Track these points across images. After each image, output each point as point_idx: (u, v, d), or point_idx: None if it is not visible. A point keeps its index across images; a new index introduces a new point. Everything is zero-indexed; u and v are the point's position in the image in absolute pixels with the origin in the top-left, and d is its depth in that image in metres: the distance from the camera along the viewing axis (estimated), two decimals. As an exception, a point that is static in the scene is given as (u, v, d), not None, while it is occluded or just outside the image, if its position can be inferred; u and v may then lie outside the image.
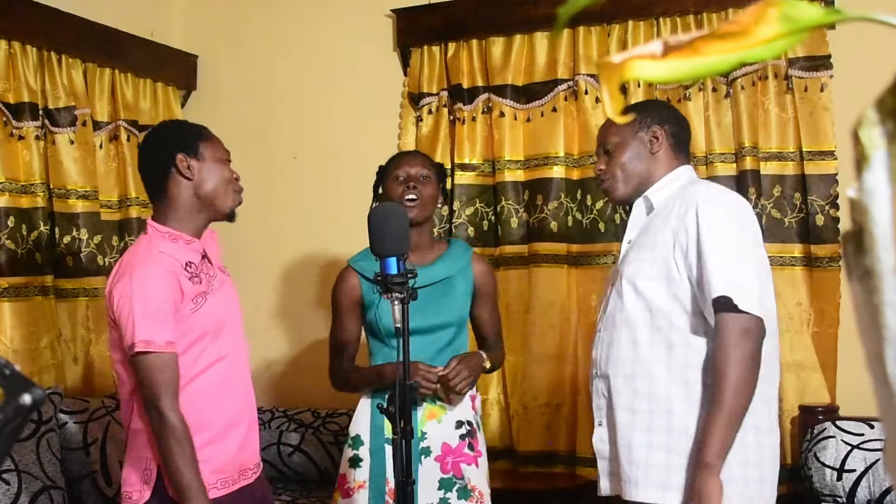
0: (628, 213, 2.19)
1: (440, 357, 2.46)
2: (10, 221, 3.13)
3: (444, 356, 2.47)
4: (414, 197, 2.49)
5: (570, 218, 3.38)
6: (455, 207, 3.52)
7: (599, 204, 3.33)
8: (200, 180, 2.20)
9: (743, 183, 3.15)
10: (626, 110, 2.17)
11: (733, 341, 1.86)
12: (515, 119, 3.48)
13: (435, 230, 3.47)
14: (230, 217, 2.27)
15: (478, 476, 2.49)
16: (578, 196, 3.37)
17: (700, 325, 1.96)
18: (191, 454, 2.05)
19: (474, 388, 2.54)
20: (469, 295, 2.56)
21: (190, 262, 2.17)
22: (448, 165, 3.51)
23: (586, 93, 3.36)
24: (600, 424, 2.11)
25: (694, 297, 1.96)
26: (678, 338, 1.97)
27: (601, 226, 3.32)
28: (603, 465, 2.10)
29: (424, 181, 2.53)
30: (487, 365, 2.51)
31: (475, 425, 2.52)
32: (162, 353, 2.06)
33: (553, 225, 3.40)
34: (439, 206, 2.65)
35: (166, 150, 2.21)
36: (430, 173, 2.55)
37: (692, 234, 1.94)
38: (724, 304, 1.87)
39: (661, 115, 2.16)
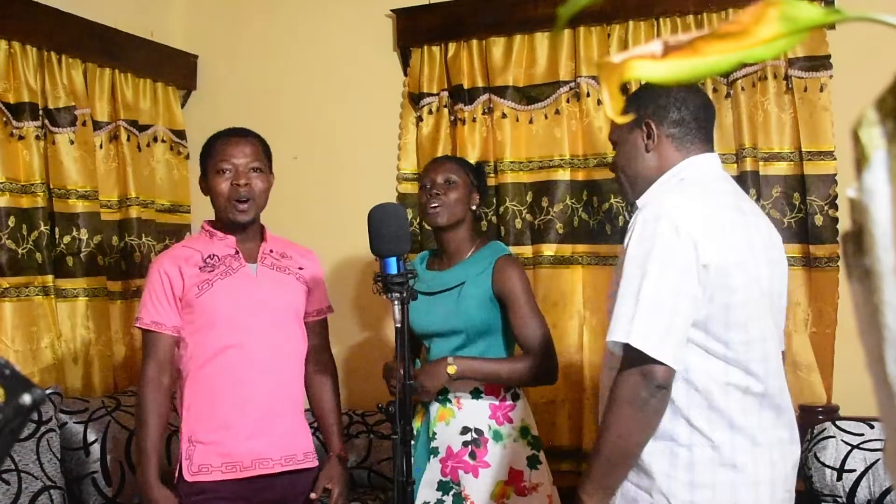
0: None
1: None
2: (11, 221, 3.13)
3: None
4: (436, 204, 2.49)
5: (576, 219, 3.38)
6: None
7: (606, 205, 3.32)
8: (210, 197, 2.48)
9: (743, 183, 3.14)
10: (626, 101, 2.08)
11: (621, 386, 1.72)
12: (517, 121, 3.48)
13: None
14: (242, 223, 2.46)
15: (475, 486, 2.42)
16: (584, 197, 3.37)
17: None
18: (150, 424, 2.35)
19: (504, 397, 2.48)
20: (487, 301, 2.46)
21: (213, 255, 2.44)
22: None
23: (588, 95, 3.36)
24: None
25: None
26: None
27: (608, 227, 3.32)
28: None
29: (450, 186, 2.51)
30: (451, 371, 2.36)
31: (487, 435, 2.44)
32: (148, 331, 2.41)
33: (559, 226, 3.40)
34: (474, 208, 2.58)
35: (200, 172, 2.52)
36: (457, 177, 2.53)
37: (622, 259, 1.80)
38: (630, 347, 1.71)
39: (657, 103, 1.93)
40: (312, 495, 2.44)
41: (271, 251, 2.54)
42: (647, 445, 1.77)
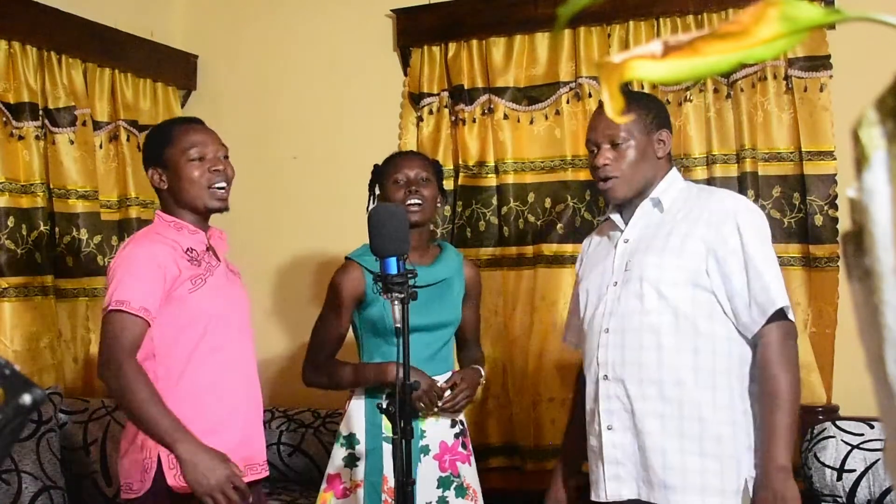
0: (605, 208, 2.22)
1: (438, 356, 2.48)
2: (11, 221, 3.13)
3: (442, 355, 2.50)
4: (418, 201, 2.48)
5: (578, 218, 3.38)
6: (458, 208, 3.52)
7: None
8: (174, 188, 2.26)
9: (743, 184, 3.15)
10: (634, 99, 2.15)
11: (786, 348, 1.96)
12: (518, 122, 3.48)
13: (439, 230, 3.49)
14: (216, 211, 2.29)
15: (471, 474, 2.53)
16: (588, 197, 3.37)
17: (723, 331, 1.99)
18: (157, 396, 2.05)
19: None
20: (462, 296, 2.59)
21: (192, 248, 2.23)
22: (451, 166, 3.52)
23: (590, 96, 3.36)
24: (610, 429, 2.06)
25: (714, 304, 1.99)
26: (704, 343, 1.98)
27: None
28: (615, 470, 2.06)
29: (425, 183, 2.52)
30: (484, 380, 2.58)
31: (464, 425, 2.56)
32: (134, 316, 2.09)
33: (559, 227, 3.40)
34: (439, 205, 2.63)
35: (144, 164, 2.33)
36: (429, 175, 2.55)
37: (733, 244, 1.98)
38: (779, 314, 1.97)
39: (662, 118, 2.15)
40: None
41: (219, 249, 2.37)
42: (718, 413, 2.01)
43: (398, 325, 1.91)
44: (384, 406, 1.99)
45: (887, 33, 0.78)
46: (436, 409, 2.42)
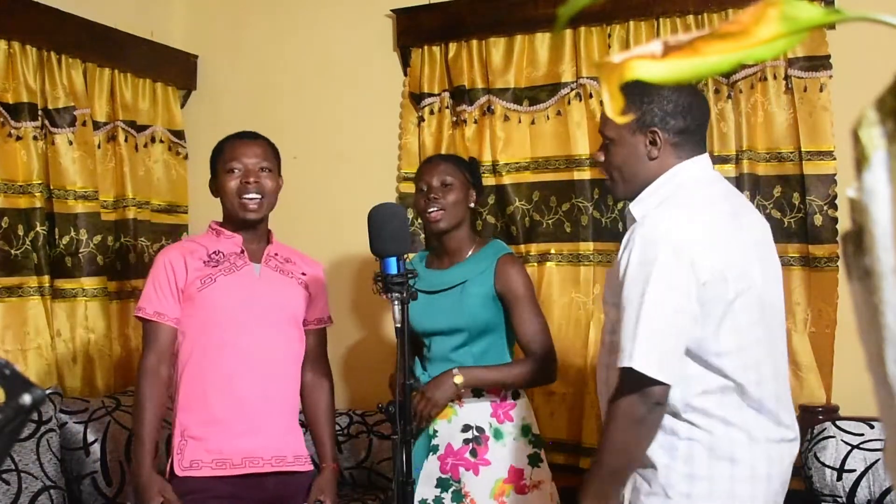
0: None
1: (454, 360, 2.46)
2: (5, 222, 3.13)
3: (459, 358, 2.46)
4: (435, 209, 2.47)
5: (584, 217, 3.38)
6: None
7: (621, 204, 3.32)
8: (220, 196, 2.50)
9: (743, 184, 3.15)
10: (629, 94, 2.05)
11: (617, 407, 1.79)
12: (520, 122, 3.48)
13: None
14: (250, 221, 2.48)
15: (475, 484, 2.43)
16: (596, 195, 3.37)
17: None
18: (147, 413, 2.35)
19: (505, 395, 2.50)
20: (489, 300, 2.47)
21: (218, 251, 2.45)
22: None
23: (591, 96, 3.36)
24: None
25: None
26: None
27: (620, 226, 3.32)
28: None
29: (447, 188, 2.50)
30: (458, 381, 2.39)
31: (488, 433, 2.46)
32: (149, 321, 2.41)
33: (567, 226, 3.40)
34: (472, 206, 2.58)
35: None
36: (452, 178, 2.52)
37: (620, 279, 1.84)
38: (625, 372, 1.78)
39: (665, 110, 1.92)
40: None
41: (276, 254, 2.55)
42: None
43: (398, 325, 1.92)
44: (384, 406, 1.99)
45: (887, 33, 0.78)
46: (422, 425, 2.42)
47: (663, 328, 1.76)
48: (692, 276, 1.77)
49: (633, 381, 1.75)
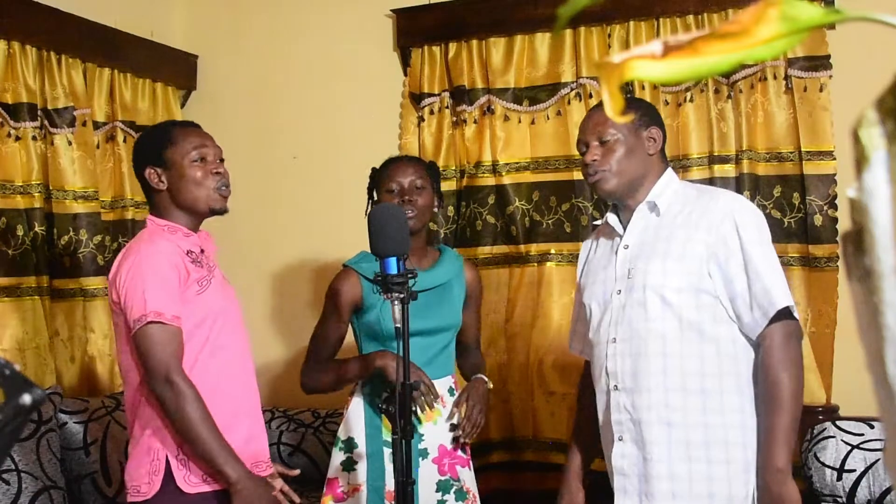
0: (608, 207, 2.21)
1: (437, 360, 2.48)
2: (3, 223, 3.13)
3: (441, 359, 2.50)
4: (409, 211, 2.45)
5: (584, 217, 3.38)
6: (461, 208, 3.53)
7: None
8: (173, 189, 2.25)
9: (743, 184, 3.15)
10: (626, 105, 2.15)
11: (788, 349, 1.94)
12: (520, 122, 3.49)
13: (441, 231, 3.49)
14: (218, 213, 2.29)
15: (470, 478, 2.52)
16: (595, 195, 3.37)
17: (728, 334, 1.98)
18: (210, 419, 2.09)
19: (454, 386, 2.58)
20: (462, 300, 2.58)
21: (190, 251, 2.23)
22: (453, 166, 3.52)
23: (591, 96, 3.36)
24: (621, 439, 2.05)
25: (717, 307, 1.97)
26: (709, 348, 1.97)
27: None
28: (623, 483, 2.04)
29: (419, 191, 2.50)
30: (490, 385, 2.59)
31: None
32: (171, 326, 2.11)
33: (567, 226, 3.40)
34: (436, 209, 2.61)
35: (138, 163, 2.29)
36: (424, 182, 2.52)
37: (733, 246, 1.96)
38: (782, 314, 1.94)
39: (656, 116, 2.16)
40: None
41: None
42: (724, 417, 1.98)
43: (398, 326, 1.91)
44: (384, 406, 1.99)
45: (887, 33, 0.78)
46: (434, 408, 2.42)
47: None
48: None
49: (789, 325, 1.96)
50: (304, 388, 2.57)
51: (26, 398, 0.71)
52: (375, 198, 2.59)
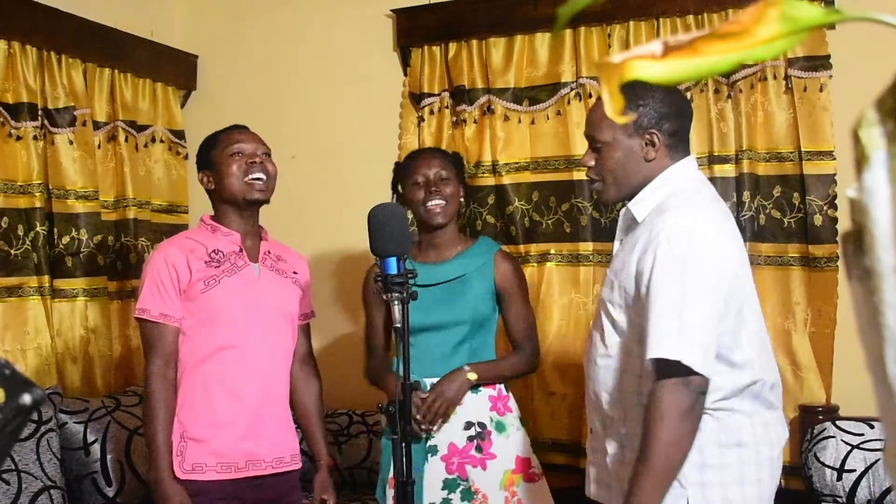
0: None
1: (455, 355, 2.47)
2: (4, 222, 3.13)
3: (460, 354, 2.48)
4: (440, 201, 2.48)
5: (584, 217, 3.38)
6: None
7: (619, 204, 3.31)
8: (219, 187, 2.44)
9: (743, 184, 3.15)
10: (624, 96, 2.05)
11: (661, 401, 1.75)
12: (520, 122, 3.49)
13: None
14: (255, 202, 2.45)
15: (484, 479, 2.44)
16: (594, 196, 3.37)
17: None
18: (164, 417, 2.32)
19: (500, 389, 2.51)
20: (489, 294, 2.53)
21: (217, 250, 2.40)
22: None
23: (591, 96, 3.36)
24: (592, 430, 2.07)
25: (644, 330, 1.85)
26: (634, 365, 1.90)
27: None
28: (590, 470, 2.06)
29: (445, 181, 2.51)
30: (472, 377, 2.43)
31: (490, 427, 2.48)
32: (155, 323, 2.35)
33: (566, 226, 3.40)
34: (462, 200, 2.62)
35: (198, 169, 2.51)
36: (449, 172, 2.54)
37: (648, 276, 1.82)
38: (665, 361, 1.75)
39: (660, 112, 1.95)
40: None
41: (270, 252, 2.53)
42: None
43: (397, 325, 1.92)
44: (384, 406, 1.99)
45: (887, 33, 0.78)
46: (433, 429, 2.42)
47: (704, 323, 1.77)
48: (724, 270, 1.82)
49: (675, 373, 1.74)
50: (369, 383, 2.67)
51: (26, 398, 0.71)
52: (400, 191, 2.60)
